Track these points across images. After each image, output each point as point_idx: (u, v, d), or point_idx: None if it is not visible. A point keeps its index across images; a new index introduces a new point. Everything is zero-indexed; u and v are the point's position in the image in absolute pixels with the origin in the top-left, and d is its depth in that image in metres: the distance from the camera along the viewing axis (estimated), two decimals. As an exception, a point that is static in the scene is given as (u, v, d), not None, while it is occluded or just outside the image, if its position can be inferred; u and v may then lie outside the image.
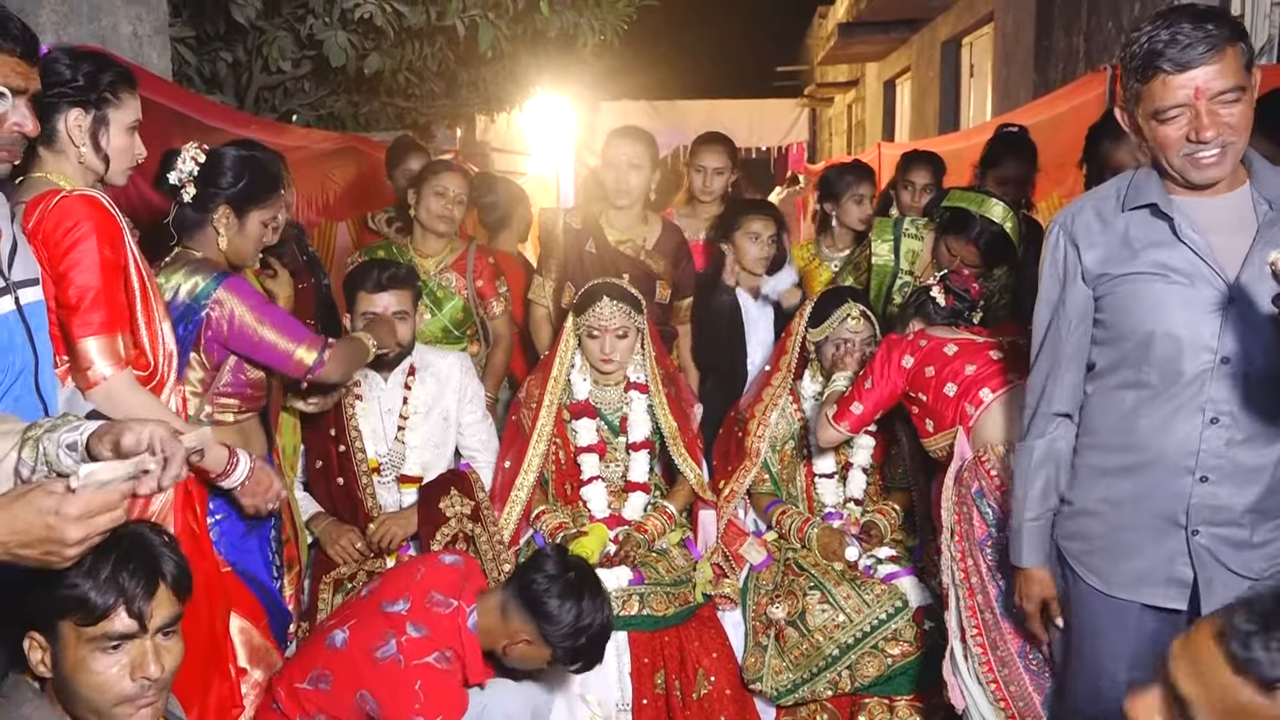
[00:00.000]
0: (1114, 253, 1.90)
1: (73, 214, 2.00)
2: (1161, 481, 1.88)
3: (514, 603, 2.38)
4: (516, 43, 5.53)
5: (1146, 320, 1.85)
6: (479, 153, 9.60)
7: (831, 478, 3.13)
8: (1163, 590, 1.91)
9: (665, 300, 3.49)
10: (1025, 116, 4.92)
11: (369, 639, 2.33)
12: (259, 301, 2.44)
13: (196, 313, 2.35)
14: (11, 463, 1.45)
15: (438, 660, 2.30)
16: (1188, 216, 1.83)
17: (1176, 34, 1.70)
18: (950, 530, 2.50)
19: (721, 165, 3.84)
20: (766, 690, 2.81)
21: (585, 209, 3.56)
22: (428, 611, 2.36)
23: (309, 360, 2.47)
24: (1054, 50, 6.31)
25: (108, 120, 2.13)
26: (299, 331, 2.47)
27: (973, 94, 9.19)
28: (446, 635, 2.35)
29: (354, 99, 6.14)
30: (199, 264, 2.39)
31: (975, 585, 2.42)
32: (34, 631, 1.52)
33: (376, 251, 3.54)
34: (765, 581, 2.95)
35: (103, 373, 2.01)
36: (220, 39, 4.89)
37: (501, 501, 3.02)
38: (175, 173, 2.37)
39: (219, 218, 2.42)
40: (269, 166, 2.51)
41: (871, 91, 12.96)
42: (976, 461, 2.50)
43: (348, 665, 2.32)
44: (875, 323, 3.06)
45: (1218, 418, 1.82)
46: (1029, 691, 2.35)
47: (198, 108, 3.71)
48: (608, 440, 3.12)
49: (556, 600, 2.34)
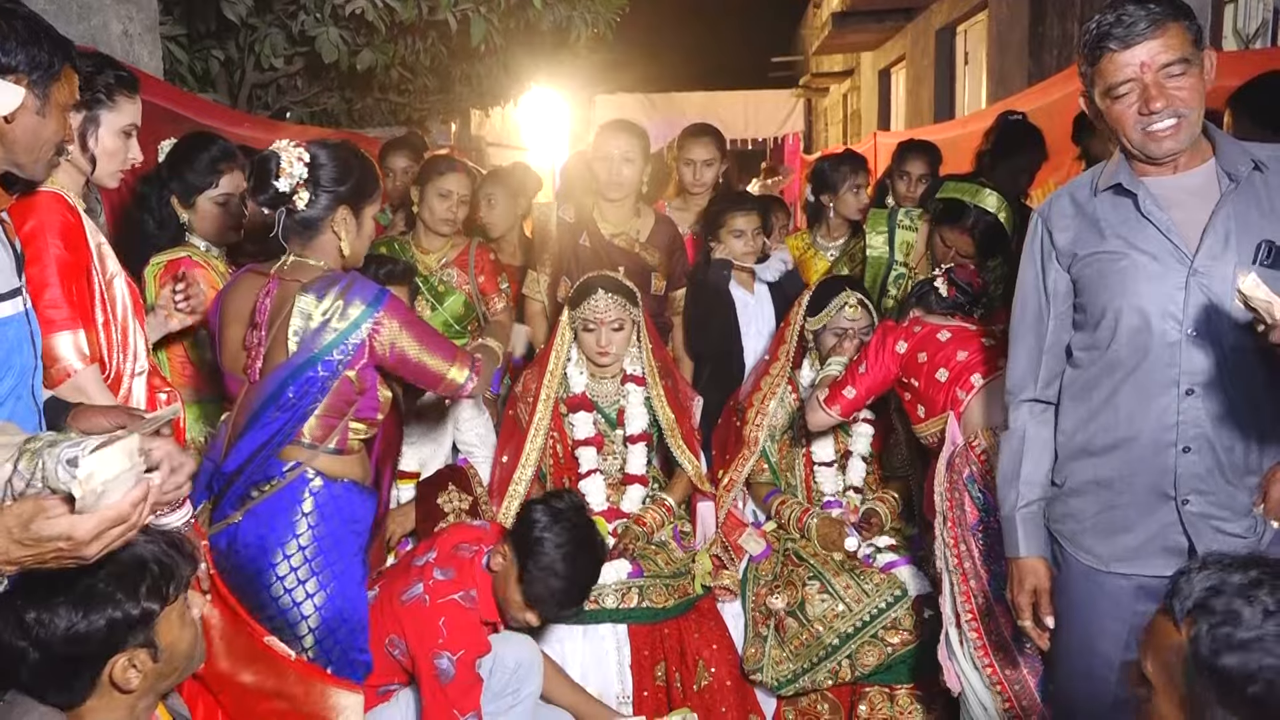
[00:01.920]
0: (1084, 234, 1.95)
1: (31, 211, 1.99)
2: (1146, 456, 1.90)
3: (512, 538, 2.49)
4: (509, 37, 5.52)
5: (1115, 297, 1.89)
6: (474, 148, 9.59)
7: (830, 466, 3.13)
8: (1161, 560, 1.91)
9: (660, 292, 3.49)
10: (1020, 104, 4.92)
11: (396, 587, 2.45)
12: (413, 318, 2.29)
13: (349, 337, 2.15)
14: (5, 474, 1.44)
15: (462, 599, 2.41)
16: (1151, 194, 1.88)
17: (1121, 15, 1.81)
18: (943, 516, 2.52)
19: (711, 157, 3.83)
20: (767, 680, 2.81)
21: (578, 202, 3.55)
22: (454, 557, 2.49)
23: (460, 379, 2.31)
24: (1048, 37, 6.30)
25: (98, 121, 2.13)
26: (449, 349, 2.31)
27: (968, 82, 9.18)
28: (470, 577, 2.46)
29: (347, 95, 6.13)
30: (334, 280, 2.17)
31: (968, 570, 2.43)
32: (127, 650, 1.50)
33: (378, 247, 3.53)
34: (765, 572, 2.95)
35: (70, 368, 2.00)
36: (211, 36, 4.88)
37: (500, 496, 3.02)
38: (286, 178, 2.14)
39: (339, 220, 2.22)
40: (368, 158, 2.33)
41: (866, 81, 12.95)
42: (967, 447, 2.51)
43: (376, 615, 2.40)
44: (873, 311, 3.06)
45: (1193, 389, 1.84)
46: (1024, 675, 2.36)
47: (191, 106, 3.71)
48: (605, 433, 3.12)
49: (545, 529, 2.44)
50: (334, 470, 2.23)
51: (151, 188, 2.87)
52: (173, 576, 1.56)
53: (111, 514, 1.30)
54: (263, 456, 2.17)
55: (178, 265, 2.68)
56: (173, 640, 1.55)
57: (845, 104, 14.65)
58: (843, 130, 14.61)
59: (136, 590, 1.51)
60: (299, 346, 2.13)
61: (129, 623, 1.49)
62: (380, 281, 2.87)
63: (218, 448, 2.25)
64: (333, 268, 2.24)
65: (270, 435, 2.16)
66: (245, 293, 2.26)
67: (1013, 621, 2.27)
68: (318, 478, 2.20)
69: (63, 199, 2.04)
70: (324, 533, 2.20)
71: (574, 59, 7.00)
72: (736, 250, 3.51)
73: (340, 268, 2.27)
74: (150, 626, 1.51)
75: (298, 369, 2.14)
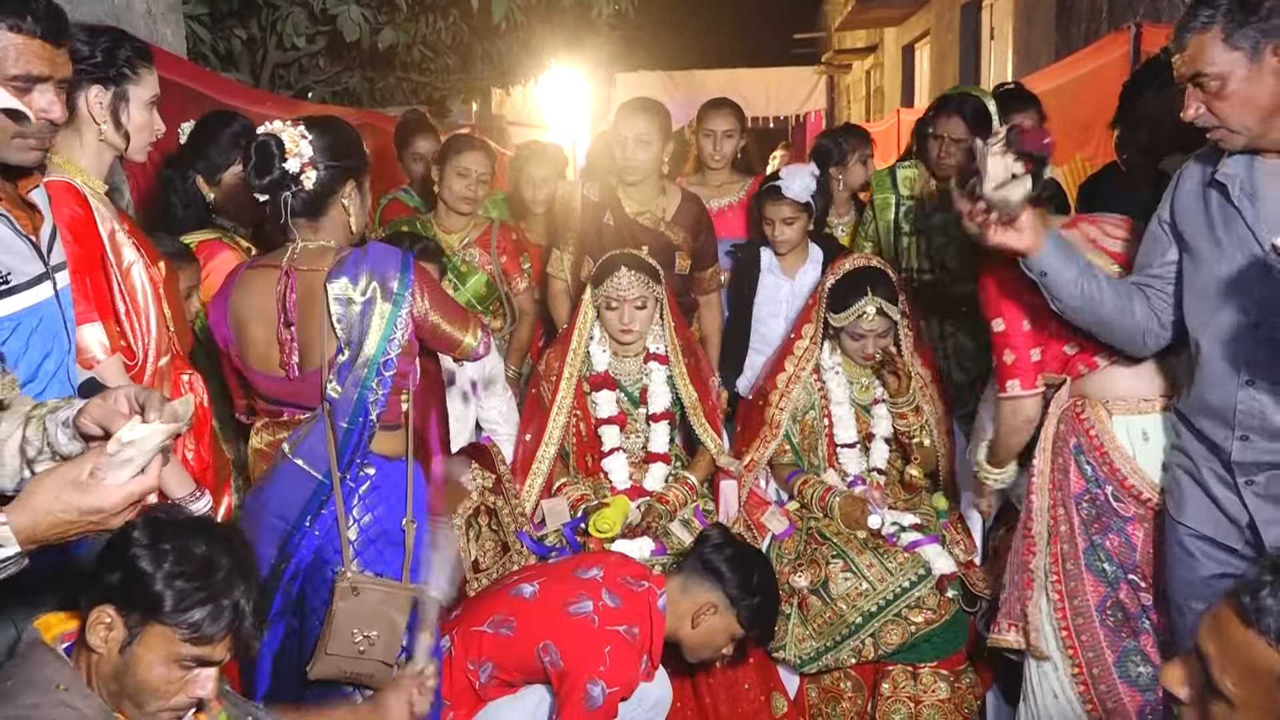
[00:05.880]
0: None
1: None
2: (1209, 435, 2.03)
3: (694, 576, 2.50)
4: (530, 14, 5.51)
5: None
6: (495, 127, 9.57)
7: (853, 447, 3.12)
8: (1224, 528, 2.03)
9: (685, 271, 3.47)
10: (1047, 79, 4.85)
11: (564, 593, 2.42)
12: (432, 282, 2.29)
13: (401, 310, 2.14)
14: (17, 440, 1.46)
15: (626, 633, 2.38)
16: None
17: None
18: (1044, 476, 2.44)
19: (731, 128, 3.81)
20: (790, 658, 2.82)
21: (602, 181, 3.54)
22: (621, 585, 2.46)
23: (474, 343, 2.31)
24: (1076, 10, 6.20)
25: (127, 96, 2.11)
26: (461, 312, 2.32)
27: (993, 57, 9.05)
28: (637, 612, 2.43)
29: (369, 74, 6.13)
30: (357, 259, 2.14)
31: (1064, 534, 2.41)
32: (110, 607, 1.46)
33: (401, 226, 3.54)
34: (788, 550, 2.95)
35: (93, 359, 2.02)
36: (234, 15, 4.90)
37: (523, 474, 3.03)
38: (295, 158, 2.10)
39: (347, 195, 2.20)
40: (353, 129, 2.31)
41: (890, 57, 12.81)
42: (1075, 417, 2.39)
43: (537, 614, 2.38)
44: (894, 314, 2.98)
45: (1253, 379, 1.91)
46: (1101, 644, 2.36)
47: (213, 85, 3.71)
48: (628, 411, 3.12)
49: (731, 562, 2.49)
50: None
51: (175, 170, 2.88)
52: (223, 640, 1.48)
53: (139, 488, 1.32)
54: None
55: (207, 248, 2.69)
56: (148, 659, 1.46)
57: (868, 81, 14.50)
58: (865, 107, 14.47)
59: (192, 596, 1.45)
60: (348, 333, 2.11)
61: (145, 593, 1.44)
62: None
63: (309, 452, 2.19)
64: (343, 245, 2.22)
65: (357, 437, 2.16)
66: (259, 288, 2.21)
67: (1100, 591, 2.32)
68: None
69: (73, 189, 2.03)
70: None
71: (595, 36, 6.97)
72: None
73: (348, 244, 2.25)
74: (149, 616, 1.45)
75: (372, 363, 2.12)
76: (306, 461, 2.15)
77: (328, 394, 2.13)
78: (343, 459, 2.13)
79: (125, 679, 1.46)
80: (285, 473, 2.17)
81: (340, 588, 2.09)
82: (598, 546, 2.84)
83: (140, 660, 1.45)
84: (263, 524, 2.17)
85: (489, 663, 2.37)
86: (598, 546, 2.84)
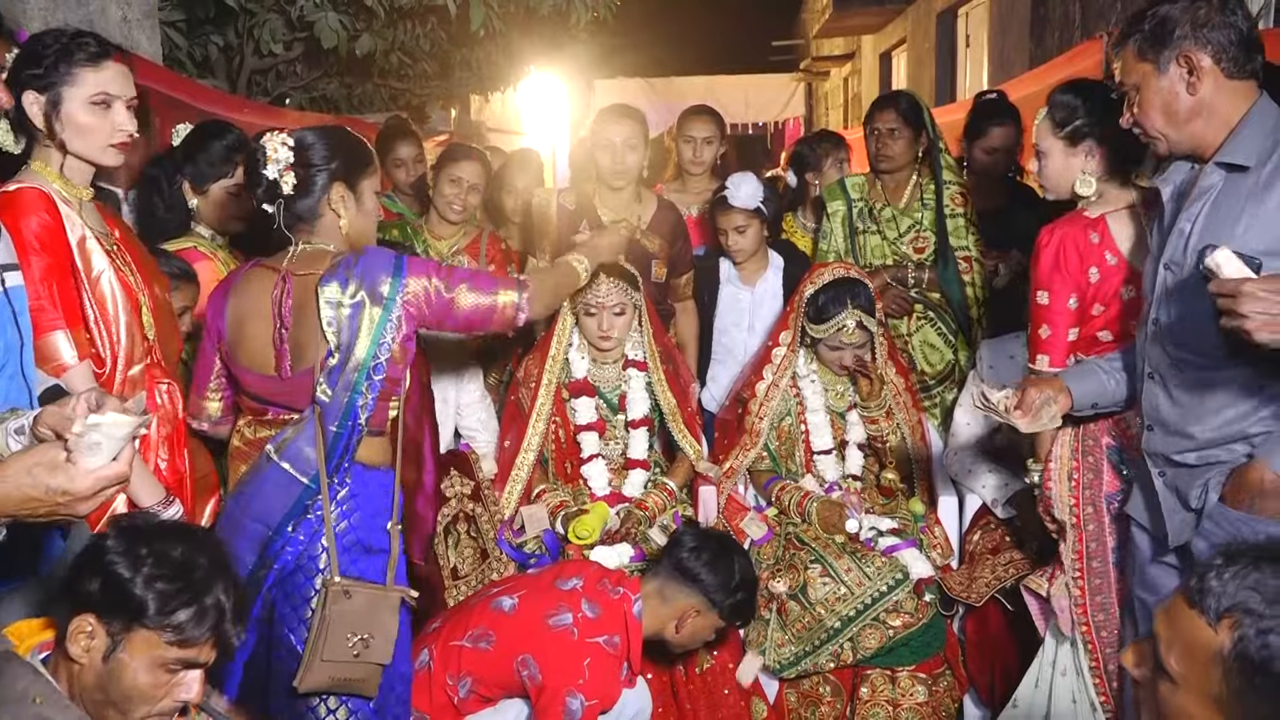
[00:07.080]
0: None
1: (9, 207, 1.99)
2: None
3: (672, 582, 2.51)
4: (509, 21, 5.50)
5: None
6: (474, 133, 9.56)
7: (830, 454, 3.14)
8: (1156, 520, 2.10)
9: (661, 279, 3.48)
10: (1022, 86, 4.89)
11: (543, 606, 2.40)
12: (437, 266, 2.23)
13: (391, 314, 2.12)
14: None
15: (606, 643, 2.38)
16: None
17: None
18: (1067, 472, 2.46)
19: (710, 134, 3.83)
20: (769, 663, 2.82)
21: (579, 189, 3.55)
22: (600, 593, 2.45)
23: (515, 299, 2.26)
24: (1050, 19, 6.26)
25: (60, 99, 2.04)
26: (487, 279, 2.28)
27: (969, 65, 9.13)
28: (615, 621, 2.43)
29: (347, 81, 6.11)
30: (349, 263, 2.14)
31: (1092, 532, 2.44)
32: (91, 616, 1.44)
33: (391, 231, 3.53)
34: (766, 556, 2.96)
35: (61, 365, 2.01)
36: (210, 22, 4.86)
37: (502, 481, 3.03)
38: (272, 165, 2.12)
39: (336, 199, 2.20)
40: (359, 136, 2.32)
41: (867, 64, 12.89)
42: (1114, 420, 2.40)
43: (516, 628, 2.37)
44: (872, 326, 3.01)
45: (1153, 374, 2.06)
46: (1124, 638, 2.38)
47: (190, 92, 3.70)
48: (607, 418, 3.12)
49: (710, 566, 2.50)
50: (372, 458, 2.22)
51: (162, 170, 2.86)
52: (208, 641, 1.47)
53: (110, 473, 1.32)
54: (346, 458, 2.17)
55: (185, 257, 2.68)
56: (133, 666, 1.44)
57: (846, 88, 14.58)
58: (844, 114, 14.55)
59: (175, 599, 1.44)
60: (338, 337, 2.10)
61: (127, 599, 1.43)
62: None
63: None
64: (341, 249, 2.22)
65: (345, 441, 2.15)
66: (257, 289, 2.21)
67: (1127, 590, 2.35)
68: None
69: (44, 195, 2.00)
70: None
71: (574, 43, 6.96)
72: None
73: (348, 248, 2.23)
74: (132, 622, 1.44)
75: (362, 367, 2.11)
76: (292, 465, 2.13)
77: (318, 397, 2.12)
78: (330, 463, 2.13)
79: (110, 687, 1.45)
80: (269, 476, 2.15)
81: (332, 592, 2.07)
82: (577, 553, 2.85)
83: (125, 667, 1.44)
84: (243, 528, 2.15)
85: (468, 677, 2.36)
86: (577, 553, 2.85)
